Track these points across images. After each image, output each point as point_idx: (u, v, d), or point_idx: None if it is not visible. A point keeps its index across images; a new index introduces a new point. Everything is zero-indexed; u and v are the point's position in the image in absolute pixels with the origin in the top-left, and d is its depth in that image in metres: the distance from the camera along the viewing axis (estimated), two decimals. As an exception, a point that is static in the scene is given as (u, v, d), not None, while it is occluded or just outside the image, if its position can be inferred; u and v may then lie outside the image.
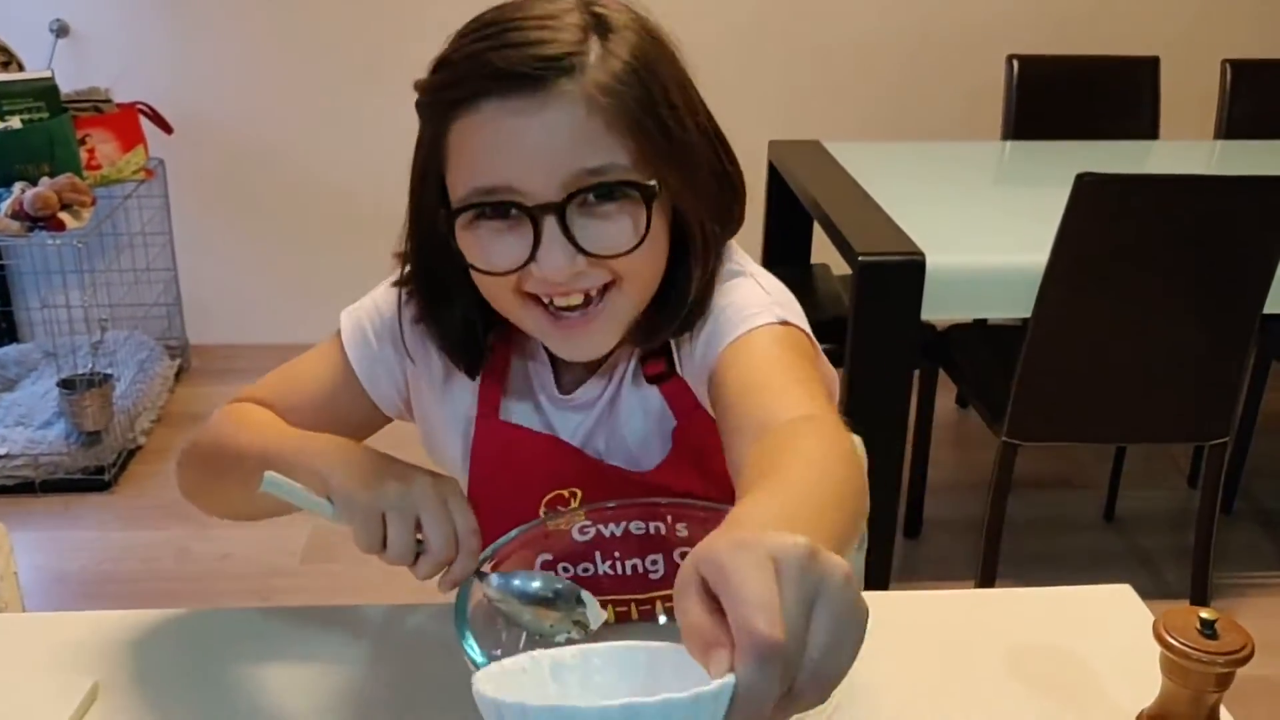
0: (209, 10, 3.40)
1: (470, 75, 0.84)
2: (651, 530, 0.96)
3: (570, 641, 0.84)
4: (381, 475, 0.83)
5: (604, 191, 0.85)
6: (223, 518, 1.04)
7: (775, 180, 2.85)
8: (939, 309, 2.17)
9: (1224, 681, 0.79)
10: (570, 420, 1.03)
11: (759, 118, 3.40)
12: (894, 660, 0.97)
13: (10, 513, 2.80)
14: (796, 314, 0.96)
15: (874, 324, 2.17)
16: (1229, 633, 0.78)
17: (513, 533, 0.91)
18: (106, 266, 3.38)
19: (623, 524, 0.96)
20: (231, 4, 3.40)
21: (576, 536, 0.95)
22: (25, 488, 2.86)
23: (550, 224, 0.85)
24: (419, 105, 0.90)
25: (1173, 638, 0.78)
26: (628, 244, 0.87)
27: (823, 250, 2.67)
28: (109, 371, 3.01)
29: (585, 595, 0.86)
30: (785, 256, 2.93)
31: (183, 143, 3.32)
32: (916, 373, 2.64)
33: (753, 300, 0.95)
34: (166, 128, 3.21)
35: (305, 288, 3.65)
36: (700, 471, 1.00)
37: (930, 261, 2.12)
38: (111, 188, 3.11)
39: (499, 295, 0.92)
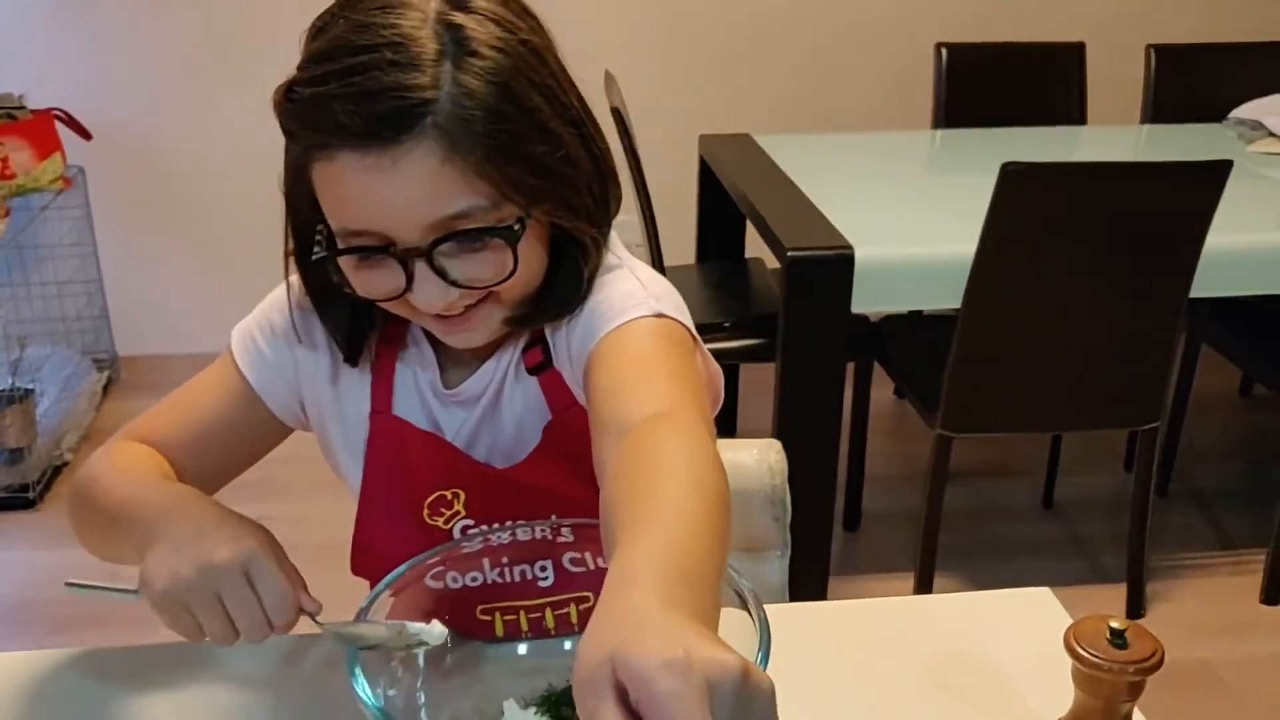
0: (125, 15, 3.31)
1: (318, 125, 0.82)
2: (538, 535, 0.94)
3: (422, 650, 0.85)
4: (180, 557, 0.81)
5: (467, 238, 0.85)
6: (107, 561, 0.99)
7: (706, 174, 2.83)
8: (869, 302, 2.16)
9: (1135, 690, 0.77)
10: (455, 417, 1.02)
11: (689, 111, 3.38)
12: (813, 669, 0.95)
13: (-70, 535, 2.73)
14: (675, 306, 0.94)
15: (804, 318, 2.16)
16: (1139, 641, 0.77)
17: (386, 581, 0.87)
18: (25, 280, 3.29)
19: (509, 532, 0.94)
20: (147, 8, 3.31)
21: (466, 549, 0.93)
22: (-54, 508, 2.79)
23: (421, 265, 0.85)
24: (281, 124, 0.88)
25: (1083, 648, 0.77)
26: (498, 276, 0.88)
27: (755, 244, 2.66)
28: (30, 386, 2.93)
29: (413, 626, 0.85)
30: (718, 251, 2.92)
31: (103, 150, 3.24)
32: (852, 365, 2.64)
33: (628, 294, 0.93)
34: (85, 134, 3.13)
35: (237, 295, 3.53)
36: (573, 467, 0.98)
37: (859, 254, 2.10)
38: (28, 197, 3.03)
39: (389, 307, 0.92)
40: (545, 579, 0.95)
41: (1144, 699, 0.79)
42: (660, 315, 0.91)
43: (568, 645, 0.95)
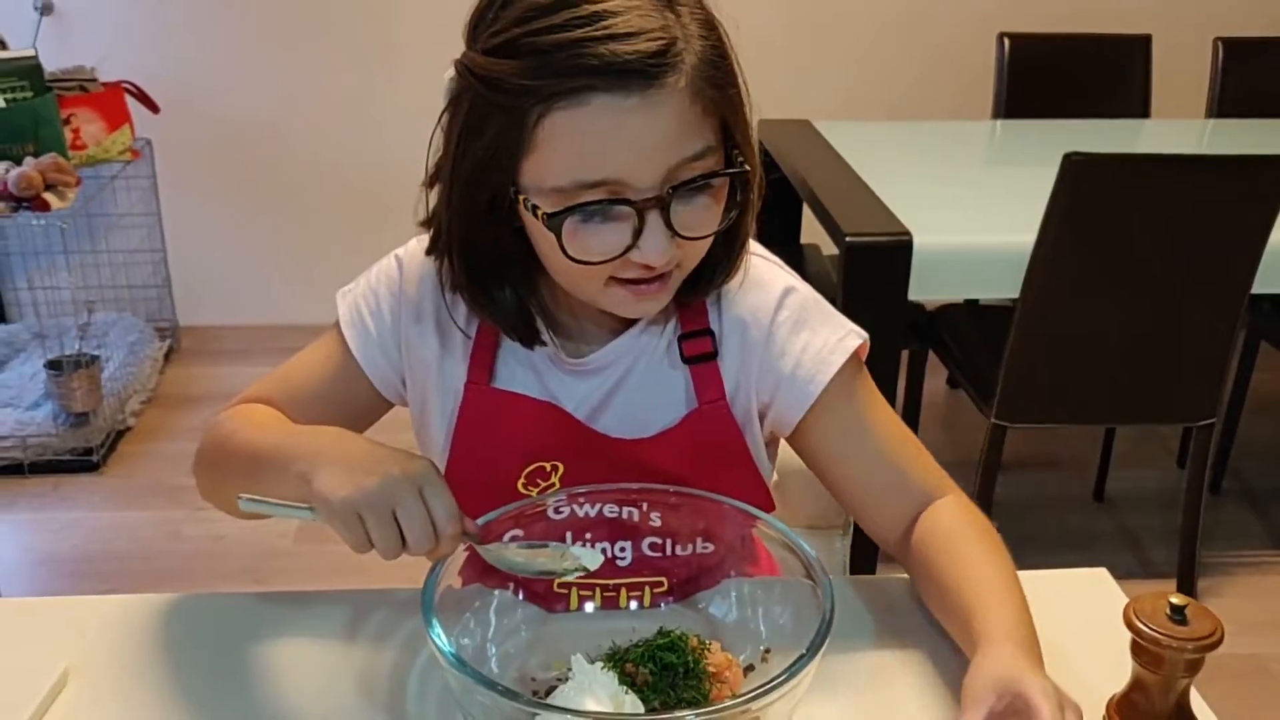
0: (196, -12, 3.38)
1: (573, 68, 0.80)
2: (625, 516, 0.96)
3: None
4: (357, 472, 0.83)
5: (703, 181, 0.86)
6: (241, 518, 1.01)
7: (765, 160, 2.83)
8: (927, 290, 2.17)
9: (1193, 667, 0.78)
10: (577, 388, 1.02)
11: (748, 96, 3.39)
12: (867, 644, 0.97)
13: (-1, 493, 2.81)
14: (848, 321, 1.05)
15: (861, 305, 2.14)
16: (1199, 618, 0.78)
17: (493, 514, 0.91)
18: (94, 248, 3.36)
19: (598, 506, 0.96)
20: (218, -18, 3.37)
21: (551, 515, 0.96)
22: (14, 469, 2.86)
23: (654, 216, 0.85)
24: (485, 86, 0.84)
25: (1142, 623, 0.78)
26: (715, 225, 0.90)
27: (812, 230, 2.67)
28: (97, 353, 3.01)
29: (575, 549, 0.89)
30: (775, 236, 2.91)
31: (170, 122, 3.30)
32: (906, 353, 2.64)
33: (826, 326, 1.02)
34: (153, 107, 3.19)
35: (295, 267, 3.63)
36: (701, 455, 1.00)
37: (918, 242, 2.11)
38: (98, 168, 3.09)
39: (581, 280, 0.91)
40: (624, 559, 0.97)
41: (1193, 693, 0.81)
42: (860, 336, 1.03)
43: (633, 606, 0.97)
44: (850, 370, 1.01)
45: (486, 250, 0.94)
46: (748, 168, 0.89)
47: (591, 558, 0.88)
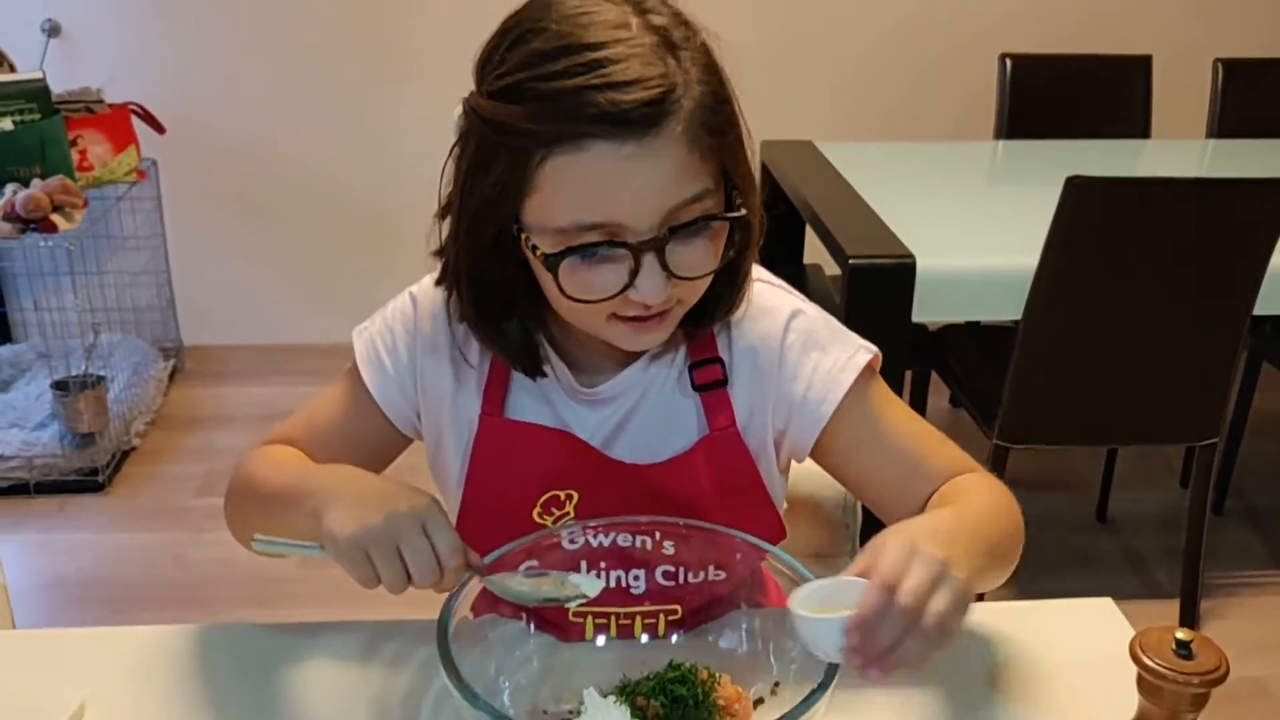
0: (201, 10, 3.39)
1: (574, 116, 0.83)
2: (638, 545, 0.97)
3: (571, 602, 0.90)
4: (363, 510, 0.85)
5: (698, 224, 0.88)
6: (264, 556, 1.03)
7: (768, 180, 2.85)
8: (930, 312, 2.18)
9: (1199, 702, 0.79)
10: (590, 417, 1.03)
11: (751, 118, 3.40)
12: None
13: (5, 514, 2.81)
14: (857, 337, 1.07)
15: (864, 326, 2.13)
16: (1204, 652, 0.79)
17: (508, 546, 0.93)
18: (100, 268, 3.38)
19: (611, 535, 0.97)
20: (223, 5, 3.39)
21: (565, 546, 0.97)
22: (20, 489, 2.87)
23: (650, 259, 0.87)
24: (490, 128, 0.87)
25: (1148, 658, 0.79)
26: (710, 266, 0.92)
27: (815, 250, 2.68)
28: (103, 373, 3.02)
29: (574, 577, 0.90)
30: (778, 257, 2.93)
31: (175, 143, 3.32)
32: (909, 374, 2.65)
33: (836, 344, 1.03)
34: (159, 128, 3.21)
35: (299, 288, 3.65)
36: (709, 484, 1.02)
37: (921, 264, 2.12)
38: (104, 189, 3.11)
39: (583, 316, 0.93)
40: (637, 587, 0.98)
41: (1198, 714, 0.81)
42: (869, 351, 1.04)
43: (644, 640, 0.98)
44: (862, 384, 1.02)
45: (493, 283, 0.95)
46: (744, 212, 0.90)
47: (591, 584, 0.89)
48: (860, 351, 1.03)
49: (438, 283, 1.01)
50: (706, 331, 1.02)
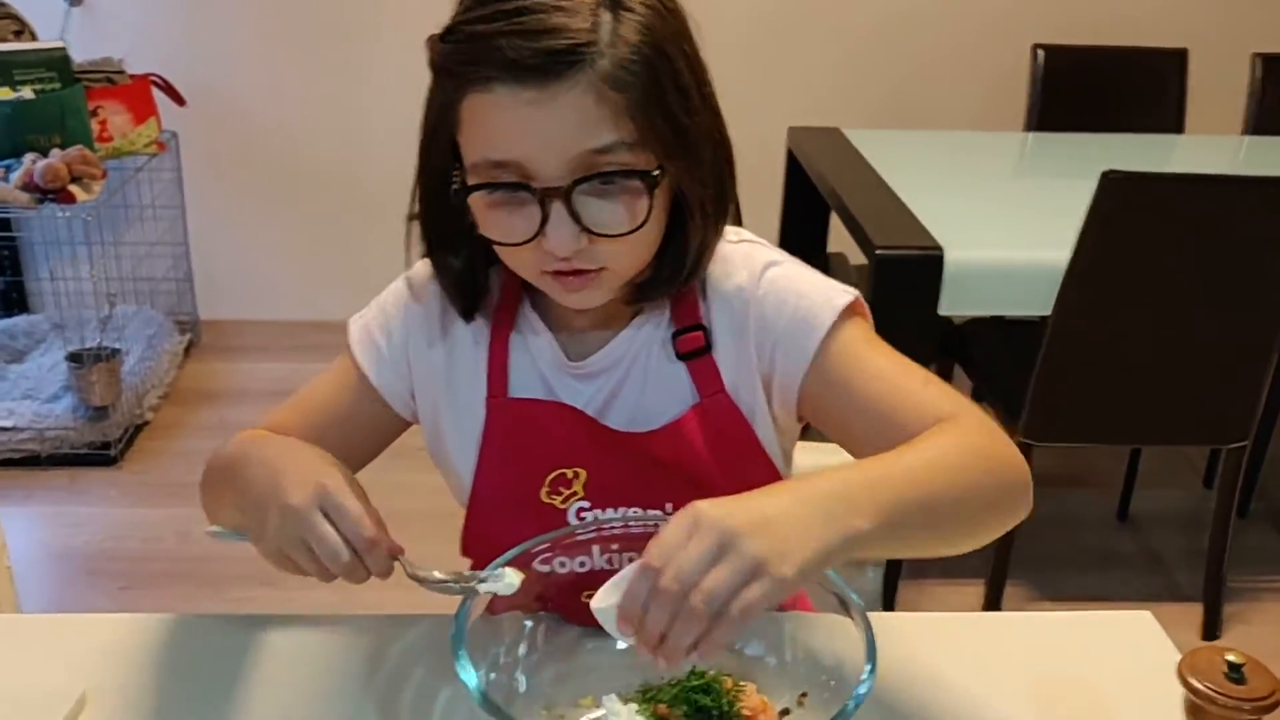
0: (224, -18, 3.37)
1: (481, 59, 0.86)
2: (650, 527, 0.94)
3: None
4: (266, 509, 0.85)
5: (607, 178, 0.88)
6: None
7: (794, 167, 2.81)
8: (957, 305, 2.14)
9: (1249, 728, 0.76)
10: (581, 390, 1.03)
11: (778, 104, 3.36)
12: (906, 683, 0.94)
13: (15, 485, 2.80)
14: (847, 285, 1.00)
15: (889, 318, 2.10)
16: (1256, 677, 0.75)
17: (524, 545, 0.91)
18: (117, 239, 3.36)
19: (622, 520, 0.97)
20: (246, -24, 3.36)
21: (579, 534, 0.96)
22: (31, 461, 2.85)
23: (557, 206, 0.88)
24: (432, 66, 0.92)
25: (1197, 681, 0.76)
26: (629, 225, 0.90)
27: (839, 239, 2.64)
28: (117, 346, 3.00)
29: (497, 570, 0.87)
30: (801, 245, 2.88)
31: (195, 116, 3.29)
32: (933, 367, 2.61)
33: (813, 289, 0.99)
34: (179, 100, 3.18)
35: (316, 263, 3.62)
36: (708, 451, 1.00)
37: (949, 256, 2.08)
38: (123, 160, 3.09)
39: (514, 264, 0.95)
40: None
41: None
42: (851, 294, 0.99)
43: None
44: (841, 325, 0.98)
45: (443, 217, 0.97)
46: (658, 171, 0.89)
47: (504, 581, 0.86)
48: (841, 294, 0.99)
49: (409, 217, 1.01)
50: (662, 298, 1.01)
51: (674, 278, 0.98)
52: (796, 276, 1.01)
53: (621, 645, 0.94)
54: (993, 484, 0.87)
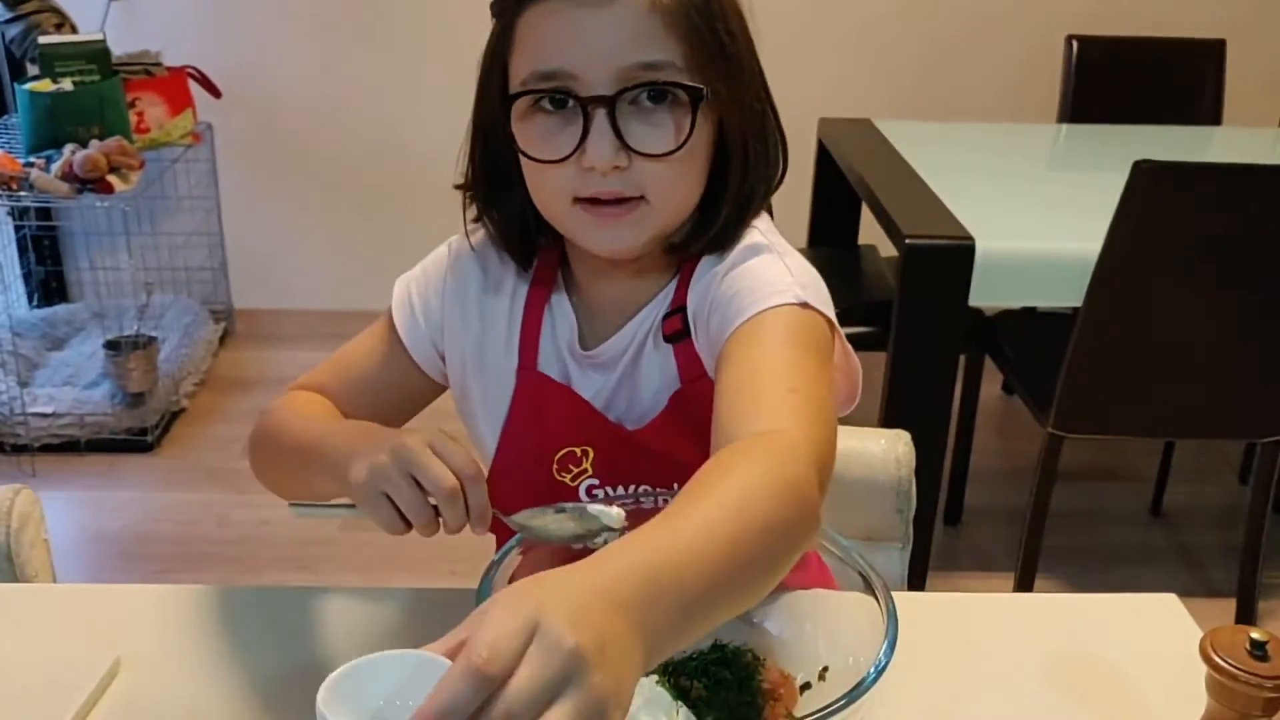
0: (260, -26, 3.39)
1: None
2: (660, 503, 0.95)
3: (607, 541, 0.84)
4: (369, 454, 0.84)
5: (654, 93, 0.89)
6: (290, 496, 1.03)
7: (824, 158, 2.81)
8: (987, 296, 2.13)
9: (1272, 707, 0.75)
10: (592, 380, 1.04)
11: (810, 94, 3.34)
12: (930, 663, 0.94)
13: (54, 470, 2.84)
14: (820, 298, 0.94)
15: (920, 309, 2.13)
16: (1279, 655, 0.75)
17: (513, 541, 0.90)
18: (154, 230, 3.40)
19: (633, 496, 0.98)
20: (282, -32, 3.39)
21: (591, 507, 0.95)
22: (70, 446, 2.90)
23: (600, 116, 0.89)
24: (492, 4, 0.94)
25: (1220, 658, 0.75)
26: (669, 145, 0.90)
27: (870, 230, 2.63)
28: (154, 334, 3.04)
29: (593, 507, 0.87)
30: (832, 236, 2.89)
31: (231, 107, 3.33)
32: (962, 358, 2.60)
33: (774, 279, 0.94)
34: (215, 92, 3.22)
35: (350, 253, 3.65)
36: (694, 437, 0.97)
37: (980, 247, 2.07)
38: (160, 151, 3.12)
39: (548, 194, 0.95)
40: None
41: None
42: (805, 305, 0.91)
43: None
44: (769, 313, 0.90)
45: (495, 169, 0.99)
46: (704, 88, 0.90)
47: (611, 516, 0.85)
48: (795, 291, 0.92)
49: (457, 186, 1.03)
50: (683, 262, 1.00)
51: (709, 229, 0.98)
52: (767, 264, 0.96)
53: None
54: (776, 537, 0.71)
